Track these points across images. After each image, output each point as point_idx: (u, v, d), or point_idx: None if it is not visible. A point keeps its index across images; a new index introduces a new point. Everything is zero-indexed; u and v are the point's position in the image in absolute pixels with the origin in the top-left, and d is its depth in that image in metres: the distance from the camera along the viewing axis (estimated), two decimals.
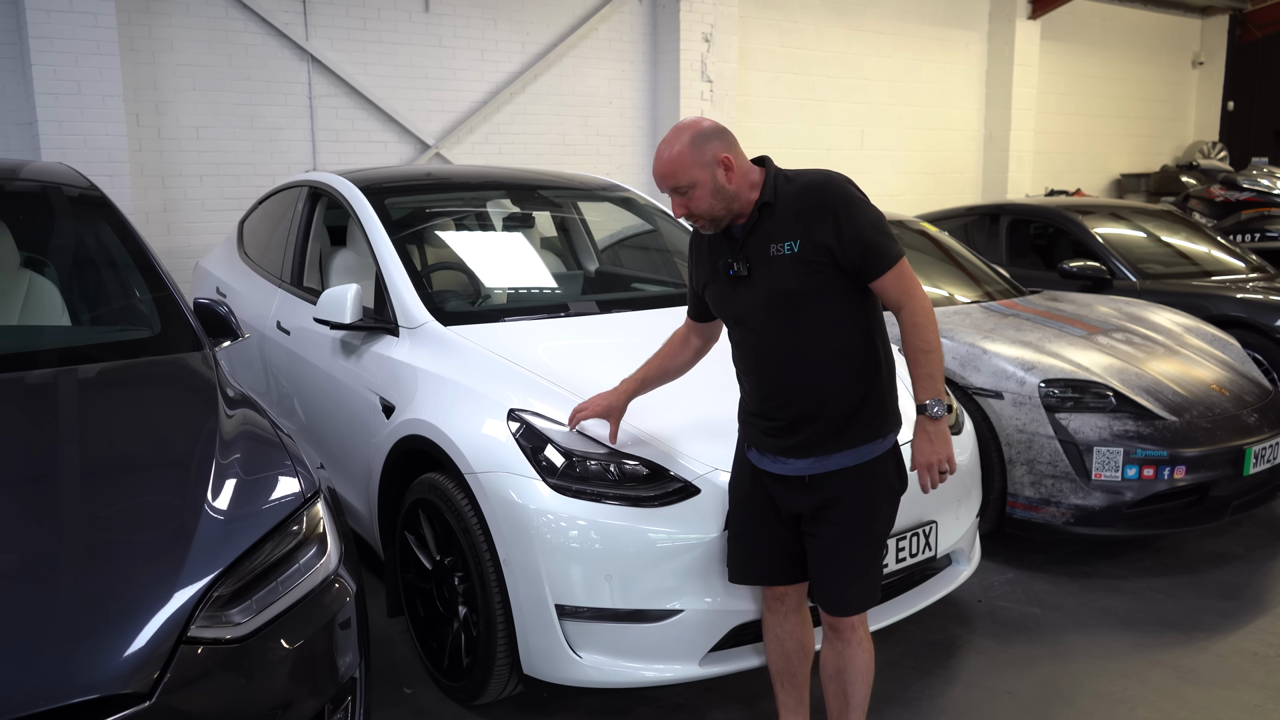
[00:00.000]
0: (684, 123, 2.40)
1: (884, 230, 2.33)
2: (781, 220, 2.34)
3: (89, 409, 2.62)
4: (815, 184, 2.34)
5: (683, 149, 2.33)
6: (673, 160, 2.34)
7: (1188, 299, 5.73)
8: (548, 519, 2.69)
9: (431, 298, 3.57)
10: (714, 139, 2.36)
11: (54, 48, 5.94)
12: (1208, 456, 4.03)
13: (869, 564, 2.52)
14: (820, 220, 2.29)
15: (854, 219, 2.29)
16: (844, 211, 2.29)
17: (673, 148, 2.35)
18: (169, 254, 6.63)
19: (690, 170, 2.33)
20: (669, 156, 2.35)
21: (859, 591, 2.52)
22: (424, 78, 7.76)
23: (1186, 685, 3.25)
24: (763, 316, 2.40)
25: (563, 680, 2.74)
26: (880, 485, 2.47)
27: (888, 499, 2.51)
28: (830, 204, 2.30)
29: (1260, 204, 9.72)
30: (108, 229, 3.28)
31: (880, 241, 2.31)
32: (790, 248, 2.32)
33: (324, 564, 2.18)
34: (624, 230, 4.96)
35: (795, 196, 2.34)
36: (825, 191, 2.32)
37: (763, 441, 2.50)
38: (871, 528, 2.49)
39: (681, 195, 2.36)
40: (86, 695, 1.74)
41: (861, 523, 2.47)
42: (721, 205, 2.37)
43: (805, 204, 2.32)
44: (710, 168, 2.33)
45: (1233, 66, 14.27)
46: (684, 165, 2.33)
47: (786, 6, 9.79)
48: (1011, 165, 11.56)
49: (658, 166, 2.37)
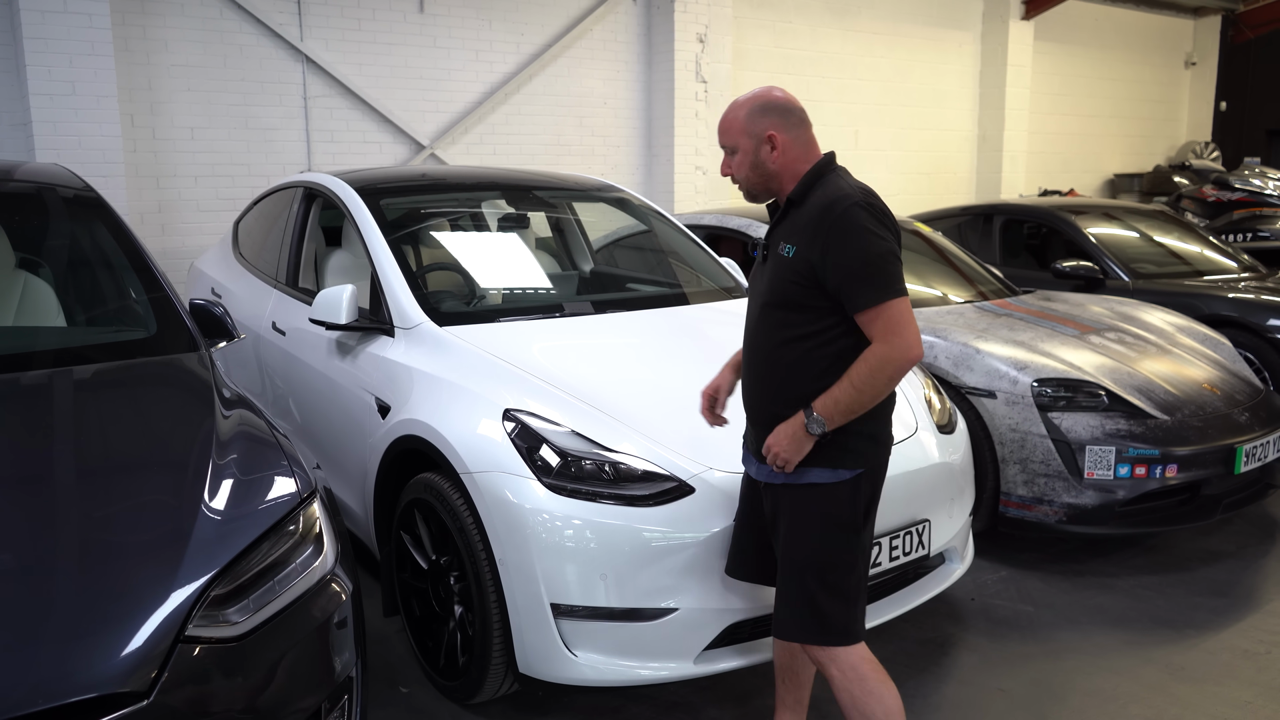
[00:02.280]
0: (760, 90, 2.43)
1: (875, 269, 2.20)
2: (795, 222, 2.34)
3: (85, 410, 2.63)
4: (827, 200, 2.27)
5: (739, 113, 2.38)
6: (725, 120, 2.41)
7: (1180, 299, 5.76)
8: (543, 518, 2.71)
9: (427, 298, 3.58)
10: (772, 114, 2.37)
11: (49, 49, 5.94)
12: (1199, 455, 4.06)
13: (801, 592, 2.36)
14: (814, 237, 2.25)
15: (844, 249, 2.21)
16: (836, 238, 2.22)
17: (733, 109, 2.40)
18: (164, 255, 6.63)
19: (736, 135, 2.38)
20: (727, 116, 2.41)
21: (789, 615, 2.40)
22: (419, 78, 7.77)
23: (1178, 682, 3.27)
24: (755, 308, 2.44)
25: (558, 679, 2.75)
26: (821, 516, 2.34)
27: (834, 532, 2.34)
28: (827, 225, 2.24)
29: (1252, 204, 9.76)
30: (103, 229, 3.29)
31: (865, 277, 2.20)
32: (788, 251, 2.31)
33: (320, 564, 2.19)
34: (619, 230, 4.98)
35: (813, 204, 2.30)
36: (829, 211, 2.25)
37: (747, 435, 2.55)
38: (807, 556, 2.35)
39: (730, 156, 2.41)
40: (84, 694, 1.75)
41: (795, 546, 2.37)
42: (758, 179, 2.39)
43: (813, 215, 2.28)
44: (756, 139, 2.36)
45: (1225, 67, 14.32)
46: (734, 128, 2.39)
47: (781, 7, 9.81)
48: (1005, 165, 11.60)
49: (719, 125, 2.44)
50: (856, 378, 2.23)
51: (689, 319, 3.85)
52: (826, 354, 2.30)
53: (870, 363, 2.22)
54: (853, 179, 2.36)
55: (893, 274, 2.22)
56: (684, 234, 4.58)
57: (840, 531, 2.35)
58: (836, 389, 2.25)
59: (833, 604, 2.35)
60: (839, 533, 2.35)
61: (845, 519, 2.35)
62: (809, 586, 2.36)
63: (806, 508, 2.36)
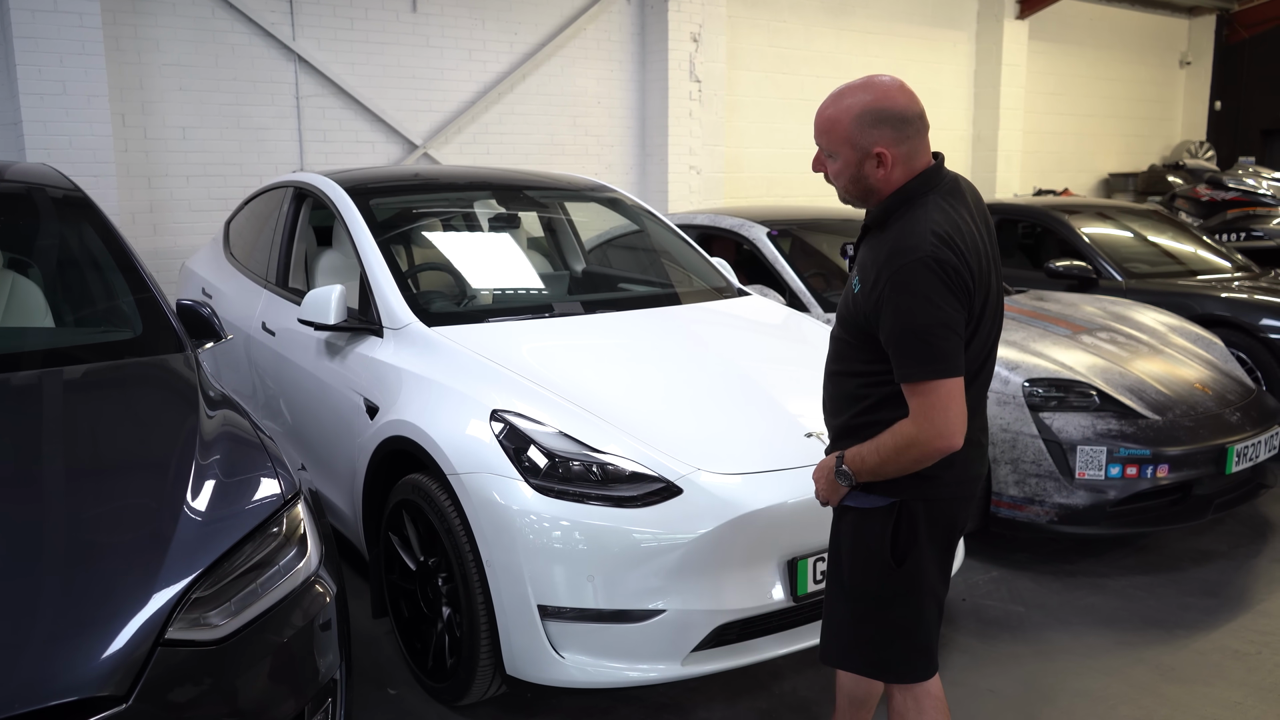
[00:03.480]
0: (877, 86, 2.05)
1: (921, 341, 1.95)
2: (872, 251, 2.08)
3: (69, 410, 2.62)
4: (898, 245, 1.99)
5: (844, 117, 2.04)
6: (828, 119, 2.07)
7: (1173, 298, 5.75)
8: (530, 520, 2.69)
9: (416, 299, 3.57)
10: (886, 126, 2.03)
11: (39, 48, 5.92)
12: (1190, 455, 4.05)
13: (839, 617, 2.26)
14: (875, 284, 2.01)
15: (895, 310, 1.97)
16: (889, 295, 1.97)
17: (839, 106, 2.06)
18: (155, 255, 6.61)
19: (838, 143, 2.07)
20: (829, 115, 2.07)
21: (827, 638, 2.31)
22: (411, 77, 7.75)
23: (1168, 682, 3.27)
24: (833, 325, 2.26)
25: (546, 681, 2.74)
26: (854, 541, 2.20)
27: (866, 560, 2.18)
28: (886, 277, 1.98)
29: (1246, 203, 9.77)
30: (90, 230, 3.27)
31: (908, 350, 1.97)
32: (856, 285, 2.10)
33: (304, 565, 2.18)
34: (611, 230, 4.97)
35: (887, 240, 2.03)
36: (891, 261, 1.98)
37: None
38: (842, 580, 2.24)
39: (823, 155, 2.12)
40: (63, 698, 1.74)
41: (833, 567, 2.27)
42: (856, 190, 2.11)
43: (880, 256, 2.02)
44: (862, 153, 2.05)
45: (1220, 66, 14.34)
46: (836, 133, 2.06)
47: (775, 6, 9.80)
48: (999, 165, 11.60)
49: (817, 116, 2.10)
50: (883, 447, 2.05)
51: (680, 319, 3.84)
52: (877, 394, 2.11)
53: (897, 439, 2.02)
54: (940, 212, 2.02)
55: (940, 351, 1.95)
56: (676, 234, 4.57)
57: (873, 560, 2.16)
58: (866, 447, 2.08)
59: (869, 634, 2.21)
60: (872, 561, 2.16)
61: (874, 548, 2.15)
62: (842, 613, 2.25)
63: (840, 529, 2.25)
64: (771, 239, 5.33)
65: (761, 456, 2.89)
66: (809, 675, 3.27)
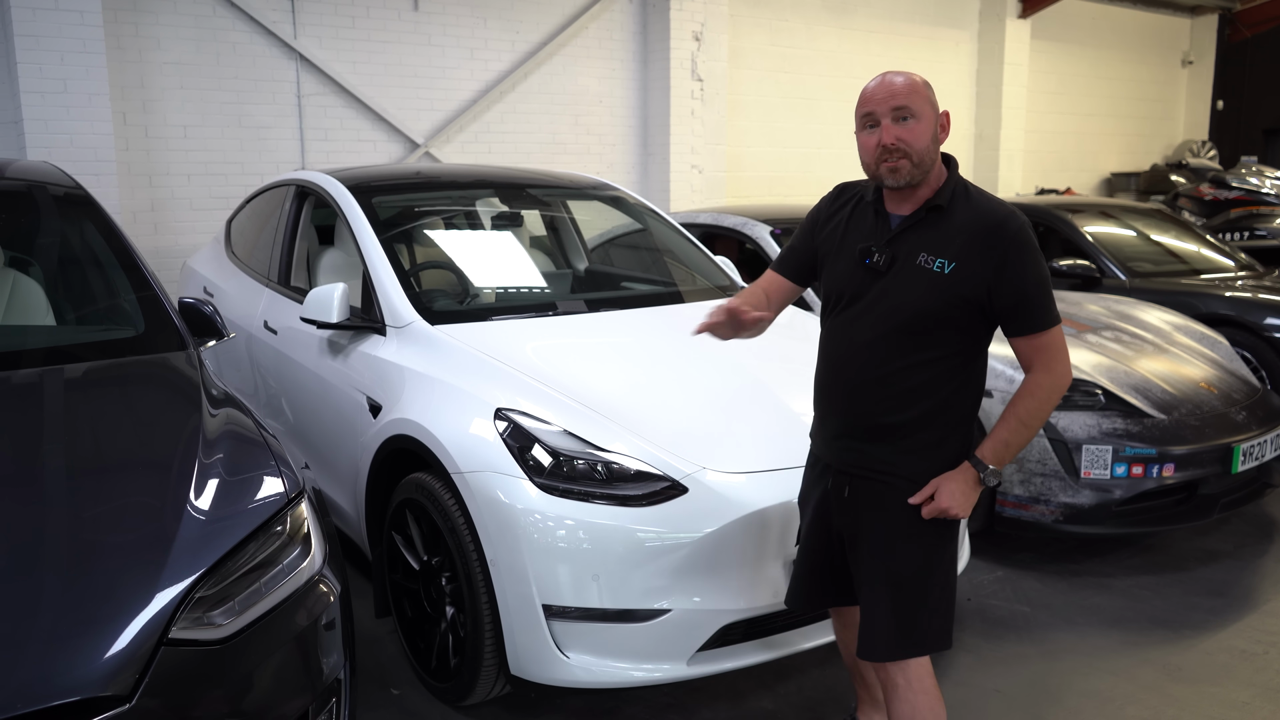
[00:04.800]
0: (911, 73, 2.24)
1: (1047, 291, 2.16)
2: (945, 233, 2.17)
3: (72, 409, 2.60)
4: (998, 214, 2.15)
5: (916, 80, 2.19)
6: (910, 84, 2.17)
7: (1177, 297, 5.74)
8: (535, 519, 2.68)
9: (419, 297, 3.55)
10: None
11: (40, 45, 5.90)
12: (1196, 454, 4.04)
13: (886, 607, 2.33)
14: (987, 252, 2.12)
15: (1024, 266, 2.12)
16: (1016, 255, 2.11)
17: (907, 74, 2.20)
18: (156, 253, 6.59)
19: (921, 102, 2.16)
20: (907, 80, 2.17)
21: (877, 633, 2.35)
22: (413, 76, 7.73)
23: (1175, 683, 3.25)
24: (880, 321, 2.22)
25: (550, 680, 2.72)
26: (910, 522, 2.29)
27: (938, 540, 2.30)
28: (1006, 241, 2.12)
29: (1249, 202, 9.76)
30: (92, 228, 3.26)
31: (1039, 301, 2.14)
32: (942, 266, 2.15)
33: (308, 565, 2.17)
34: (614, 229, 4.95)
35: (971, 217, 2.16)
36: (1006, 227, 2.13)
37: (824, 447, 2.45)
38: (892, 565, 2.32)
39: (900, 122, 2.15)
40: (66, 698, 1.72)
41: (876, 557, 2.33)
42: (929, 156, 2.18)
43: (978, 229, 2.14)
44: (935, 111, 2.19)
45: (1222, 66, 14.32)
46: (919, 93, 2.17)
47: (777, 5, 9.79)
48: (1002, 164, 11.59)
49: (888, 86, 2.17)
50: (1025, 414, 2.16)
51: (684, 317, 3.81)
52: (962, 375, 2.23)
53: (1038, 396, 2.16)
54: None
55: (1052, 299, 2.18)
56: (679, 232, 4.56)
57: (924, 535, 2.27)
58: (1004, 430, 2.17)
59: (922, 609, 2.28)
60: (924, 536, 2.27)
61: (923, 525, 2.26)
62: (894, 601, 2.27)
63: (881, 521, 2.28)
64: (775, 238, 5.32)
65: (767, 455, 2.87)
66: (814, 676, 3.26)
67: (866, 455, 2.29)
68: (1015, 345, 2.20)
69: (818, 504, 2.44)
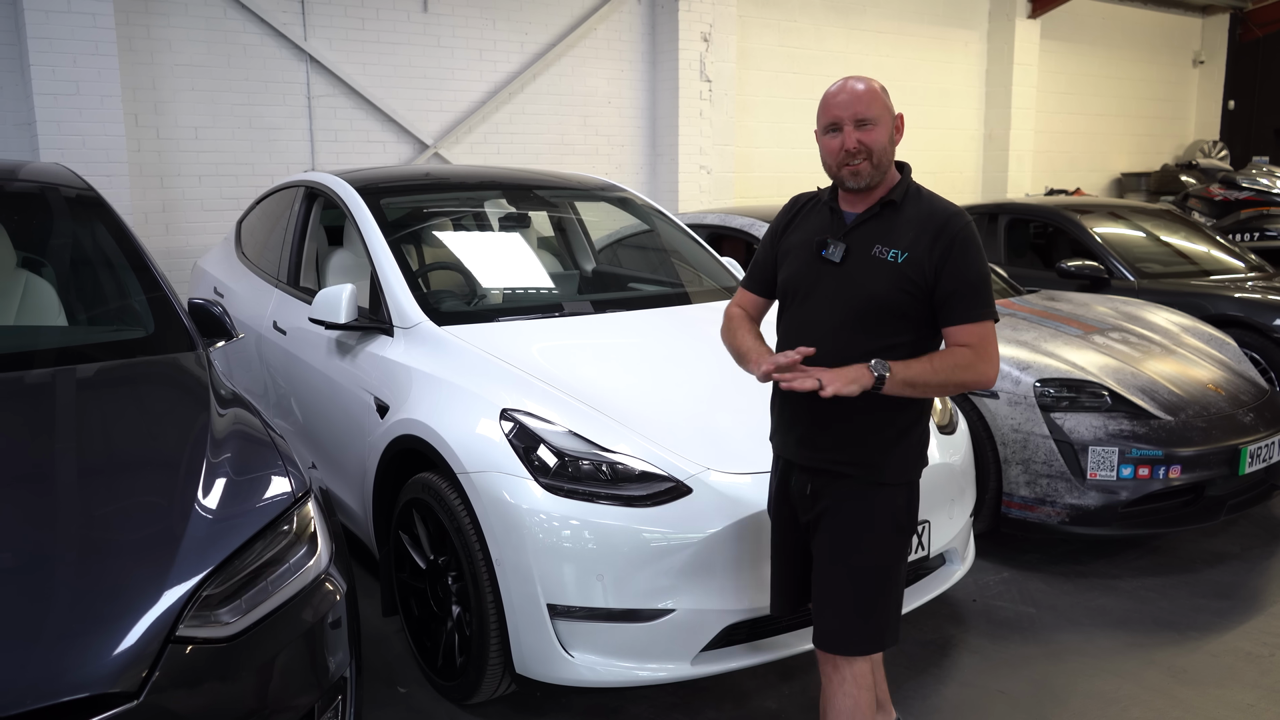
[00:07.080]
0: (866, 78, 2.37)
1: (987, 286, 2.28)
2: (896, 227, 2.29)
3: (82, 409, 2.63)
4: (945, 211, 2.30)
5: (875, 86, 2.32)
6: (870, 92, 2.30)
7: (1186, 298, 5.72)
8: (540, 519, 2.70)
9: (426, 298, 3.57)
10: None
11: (52, 48, 5.95)
12: (1203, 456, 4.03)
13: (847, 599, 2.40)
14: (933, 244, 2.24)
15: (968, 259, 2.25)
16: (960, 249, 2.24)
17: (869, 83, 2.32)
18: (167, 254, 6.63)
19: (880, 108, 2.30)
20: (867, 87, 2.31)
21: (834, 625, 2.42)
22: (422, 77, 7.76)
23: (1180, 685, 3.25)
24: (837, 309, 2.31)
25: (555, 680, 2.74)
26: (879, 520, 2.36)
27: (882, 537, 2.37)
28: (952, 235, 2.25)
29: (1260, 203, 9.71)
30: (103, 229, 3.29)
31: (980, 291, 2.26)
32: (895, 256, 2.26)
33: (314, 563, 2.19)
34: (621, 230, 4.97)
35: (921, 212, 2.30)
36: (952, 222, 2.27)
37: (784, 447, 2.50)
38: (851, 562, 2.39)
39: (862, 128, 2.28)
40: (74, 694, 1.75)
41: (839, 552, 2.40)
42: (887, 157, 2.32)
43: (928, 224, 2.27)
44: (892, 115, 2.33)
45: (1233, 65, 14.25)
46: (878, 100, 2.30)
47: (785, 6, 9.79)
48: (1011, 164, 11.56)
49: (850, 93, 2.30)
50: (939, 363, 2.23)
51: (690, 319, 3.84)
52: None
53: (958, 360, 2.23)
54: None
55: (991, 299, 2.29)
56: (686, 234, 4.57)
57: (885, 535, 2.35)
58: (916, 362, 2.23)
59: (879, 606, 2.36)
60: (885, 536, 2.35)
61: (889, 523, 2.35)
62: (853, 593, 2.35)
63: (848, 515, 2.34)
64: None
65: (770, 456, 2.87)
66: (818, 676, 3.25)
67: (827, 450, 2.34)
68: (954, 334, 2.26)
69: (784, 505, 2.49)
